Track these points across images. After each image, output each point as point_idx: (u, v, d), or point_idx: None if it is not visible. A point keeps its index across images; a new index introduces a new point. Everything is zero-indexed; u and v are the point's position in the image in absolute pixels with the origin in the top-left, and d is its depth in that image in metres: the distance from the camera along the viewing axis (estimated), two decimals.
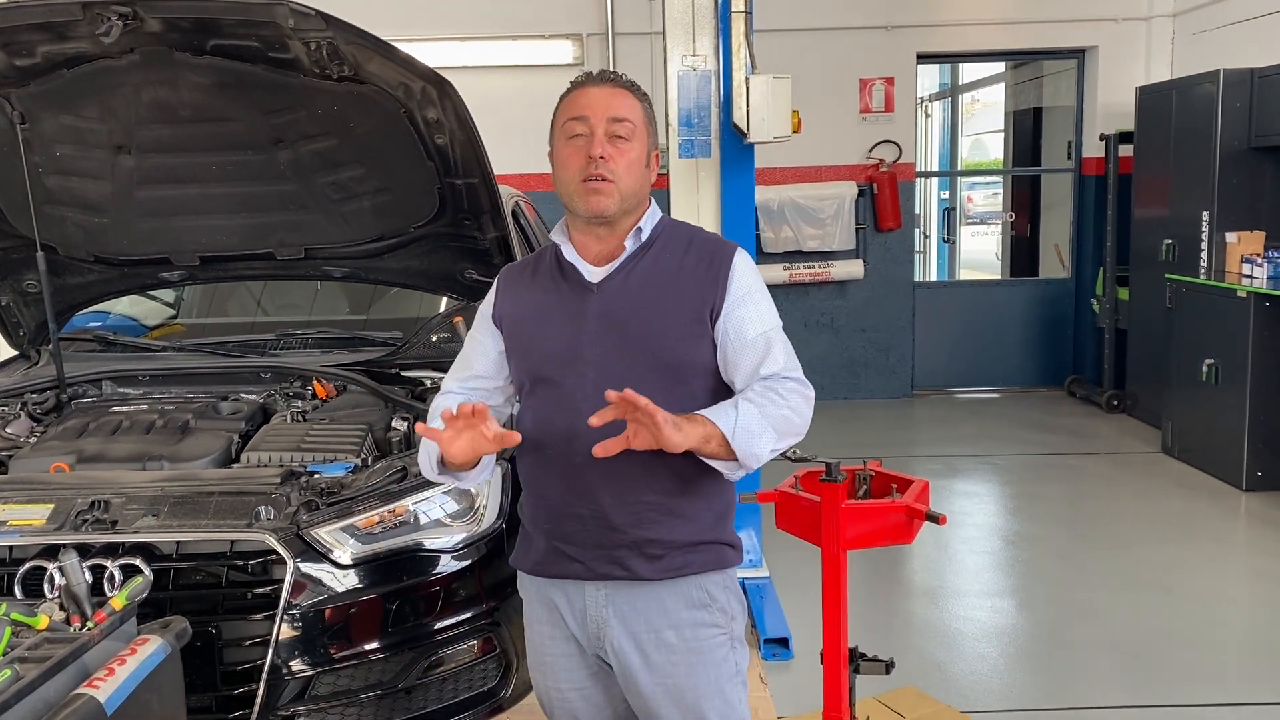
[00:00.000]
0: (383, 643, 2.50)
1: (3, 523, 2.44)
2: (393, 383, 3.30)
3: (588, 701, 2.07)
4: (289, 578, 2.41)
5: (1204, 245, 6.23)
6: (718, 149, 3.86)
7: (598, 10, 7.58)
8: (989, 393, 8.29)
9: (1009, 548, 5.06)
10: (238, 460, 2.88)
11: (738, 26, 3.78)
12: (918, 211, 8.97)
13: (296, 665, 2.42)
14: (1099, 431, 7.10)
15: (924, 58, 8.09)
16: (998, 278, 10.09)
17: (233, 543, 2.46)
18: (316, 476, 2.71)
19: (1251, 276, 5.65)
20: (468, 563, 2.62)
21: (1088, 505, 5.66)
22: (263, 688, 2.40)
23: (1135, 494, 5.76)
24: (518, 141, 5.51)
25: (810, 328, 7.95)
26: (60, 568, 2.16)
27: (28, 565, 2.38)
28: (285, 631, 2.41)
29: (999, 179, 11.81)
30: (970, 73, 10.98)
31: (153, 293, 3.98)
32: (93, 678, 1.81)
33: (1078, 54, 8.08)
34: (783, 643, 3.84)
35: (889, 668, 2.73)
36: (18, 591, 2.37)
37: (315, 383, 3.26)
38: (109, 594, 2.24)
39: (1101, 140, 7.69)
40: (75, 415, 3.13)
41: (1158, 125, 6.82)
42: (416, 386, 3.27)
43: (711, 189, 3.87)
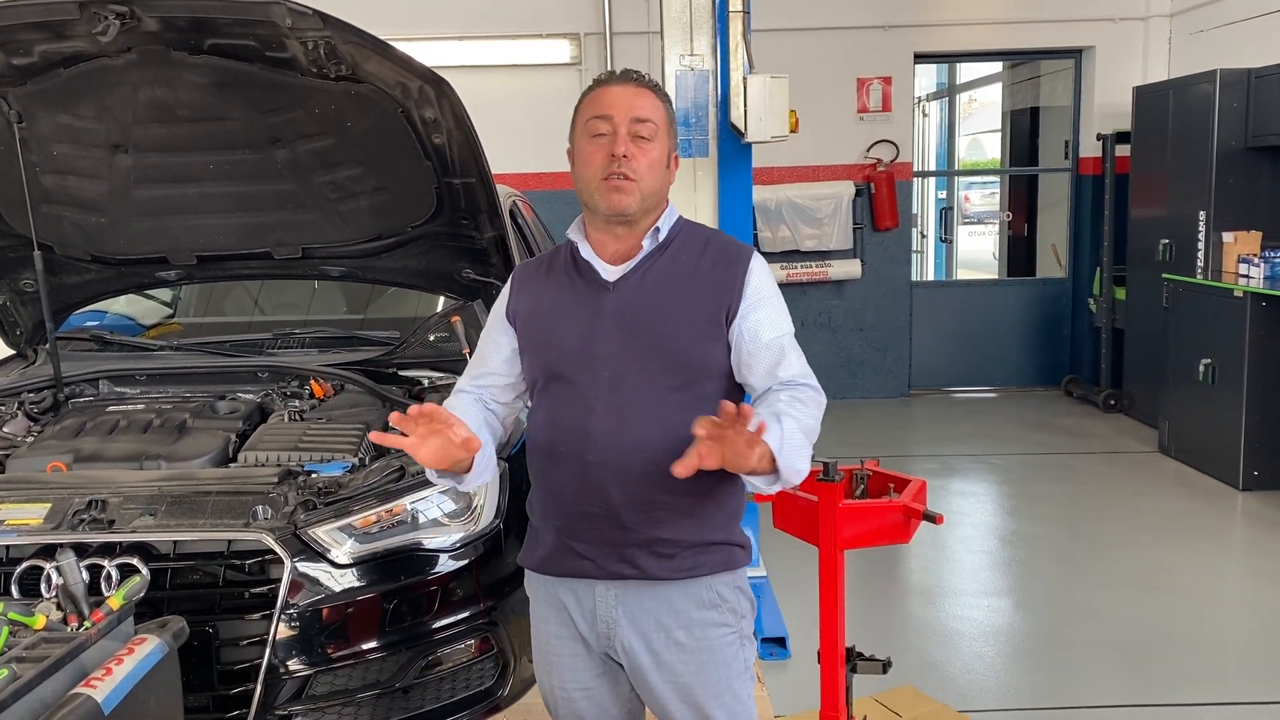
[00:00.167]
0: (380, 642, 2.50)
1: (0, 522, 2.44)
2: (390, 382, 3.29)
3: (592, 701, 2.07)
4: (286, 577, 2.41)
5: (1201, 245, 6.25)
6: (715, 148, 3.85)
7: (595, 10, 7.58)
8: (986, 392, 8.29)
9: (1006, 547, 5.06)
10: (235, 460, 2.87)
11: (735, 26, 3.78)
12: (915, 211, 8.98)
13: (294, 665, 2.42)
14: (1096, 431, 7.11)
15: (921, 57, 8.11)
16: (995, 277, 10.09)
17: (230, 542, 2.46)
18: (314, 476, 2.70)
19: (1248, 276, 5.66)
20: (465, 562, 2.61)
21: (1085, 505, 5.67)
22: (260, 687, 2.39)
23: (1132, 493, 5.76)
24: (516, 141, 5.52)
25: (808, 327, 7.94)
26: (57, 567, 2.15)
27: (25, 565, 2.38)
28: (283, 631, 2.40)
29: (996, 179, 11.81)
30: (968, 72, 11.00)
31: (150, 292, 3.96)
32: (90, 677, 1.80)
33: (1075, 54, 8.09)
34: (780, 642, 3.84)
35: (886, 667, 2.73)
36: (15, 591, 2.37)
37: (313, 382, 3.25)
38: (106, 593, 2.24)
39: (1099, 140, 7.70)
40: (72, 414, 3.12)
41: (1155, 125, 6.83)
42: (414, 386, 3.26)
43: (709, 188, 3.86)
